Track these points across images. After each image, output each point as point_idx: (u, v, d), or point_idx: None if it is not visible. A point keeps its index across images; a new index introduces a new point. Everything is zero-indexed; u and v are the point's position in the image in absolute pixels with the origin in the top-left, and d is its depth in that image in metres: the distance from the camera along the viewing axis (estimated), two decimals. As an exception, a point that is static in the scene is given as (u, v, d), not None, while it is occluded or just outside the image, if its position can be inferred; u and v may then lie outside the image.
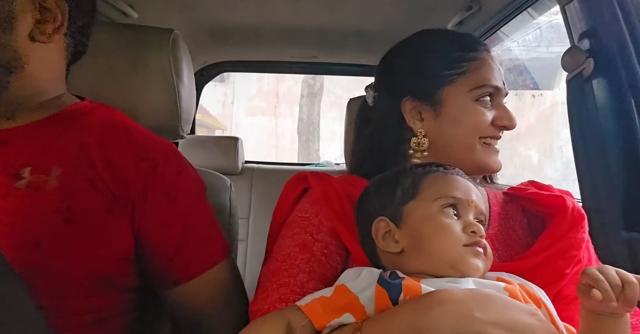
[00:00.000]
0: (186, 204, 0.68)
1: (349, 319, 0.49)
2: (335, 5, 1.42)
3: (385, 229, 0.58)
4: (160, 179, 0.66)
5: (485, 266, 0.54)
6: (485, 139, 0.71)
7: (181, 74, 0.85)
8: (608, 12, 0.79)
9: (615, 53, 0.78)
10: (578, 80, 0.83)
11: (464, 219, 0.56)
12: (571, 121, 0.86)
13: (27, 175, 0.60)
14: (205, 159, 1.80)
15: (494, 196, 0.77)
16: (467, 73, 0.70)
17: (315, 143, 8.64)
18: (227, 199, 0.90)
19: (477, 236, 0.54)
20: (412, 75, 0.75)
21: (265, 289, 0.61)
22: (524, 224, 0.74)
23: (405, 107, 0.74)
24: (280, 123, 10.32)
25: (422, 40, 0.77)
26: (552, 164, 4.53)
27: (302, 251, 0.63)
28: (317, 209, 0.67)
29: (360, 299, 0.49)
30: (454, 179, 0.60)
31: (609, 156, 0.80)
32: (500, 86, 0.71)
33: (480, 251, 0.54)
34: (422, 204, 0.57)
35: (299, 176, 0.75)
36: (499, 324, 0.43)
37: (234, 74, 9.08)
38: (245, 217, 1.80)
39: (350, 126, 1.01)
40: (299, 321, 0.50)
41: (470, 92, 0.70)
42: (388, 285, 0.49)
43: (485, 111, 0.70)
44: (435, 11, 1.40)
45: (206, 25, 1.63)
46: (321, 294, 0.52)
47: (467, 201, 0.57)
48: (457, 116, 0.70)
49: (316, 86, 8.52)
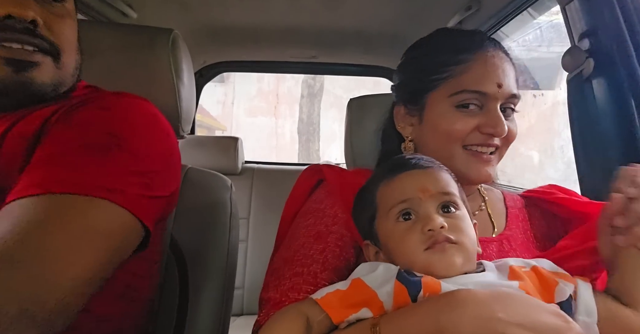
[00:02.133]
0: (82, 133, 0.58)
1: (366, 314, 0.48)
2: (335, 5, 1.42)
3: (373, 252, 0.58)
4: (75, 110, 0.61)
5: (461, 256, 0.51)
6: (472, 147, 0.68)
7: (181, 74, 0.85)
8: (608, 12, 0.79)
9: (615, 53, 0.78)
10: (578, 80, 0.83)
11: (422, 218, 0.53)
12: (571, 120, 0.86)
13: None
14: (205, 159, 1.80)
15: (512, 199, 0.77)
16: (449, 78, 0.68)
17: (316, 143, 8.63)
18: (228, 199, 0.90)
19: (436, 233, 0.52)
20: (408, 80, 0.75)
21: (278, 278, 0.61)
22: (543, 228, 0.73)
23: (397, 113, 0.74)
24: (281, 123, 10.30)
25: (425, 42, 0.75)
26: (553, 165, 4.53)
27: (316, 241, 0.63)
28: (333, 200, 0.67)
29: (379, 294, 0.49)
30: (400, 180, 0.57)
31: (609, 155, 0.80)
32: (486, 91, 0.66)
33: (444, 247, 0.51)
34: (382, 219, 0.57)
35: (314, 167, 0.75)
36: (523, 325, 0.42)
37: (234, 75, 9.06)
38: (245, 218, 1.79)
39: (350, 126, 1.01)
40: (315, 315, 0.49)
41: (450, 98, 0.67)
42: (407, 282, 0.48)
43: (465, 118, 0.67)
44: (435, 11, 1.40)
45: (205, 25, 1.63)
46: (337, 287, 0.51)
47: (418, 197, 0.54)
48: (435, 123, 0.69)
49: (316, 86, 8.51)
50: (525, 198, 0.78)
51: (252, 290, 1.69)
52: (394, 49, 1.79)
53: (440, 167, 0.60)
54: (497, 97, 0.67)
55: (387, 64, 1.98)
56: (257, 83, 10.25)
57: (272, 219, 1.72)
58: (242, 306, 1.70)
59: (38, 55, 0.61)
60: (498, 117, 0.66)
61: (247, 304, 1.71)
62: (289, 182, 1.10)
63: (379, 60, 1.96)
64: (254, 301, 1.72)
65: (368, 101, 1.02)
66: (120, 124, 0.60)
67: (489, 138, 0.67)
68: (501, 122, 0.66)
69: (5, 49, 0.58)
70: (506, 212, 0.75)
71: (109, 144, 0.57)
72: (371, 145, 0.93)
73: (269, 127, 10.24)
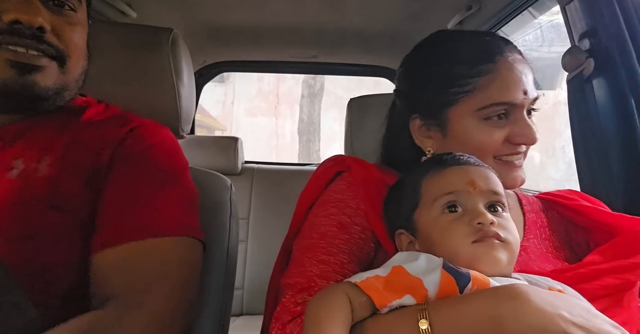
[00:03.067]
0: (146, 172, 0.65)
1: (409, 301, 0.47)
2: (336, 5, 1.42)
3: (407, 241, 0.57)
4: (129, 149, 0.66)
5: (506, 254, 0.50)
6: (502, 157, 0.66)
7: (181, 73, 0.85)
8: (608, 12, 0.79)
9: (616, 53, 0.78)
10: (578, 80, 0.83)
11: (470, 211, 0.53)
12: (572, 120, 0.86)
13: (19, 165, 0.61)
14: (205, 159, 1.80)
15: (528, 202, 0.74)
16: (473, 91, 0.65)
17: (316, 144, 8.57)
18: (228, 200, 0.90)
19: (485, 227, 0.51)
20: (421, 91, 0.70)
21: (301, 264, 0.59)
22: (562, 235, 0.70)
23: (413, 125, 0.71)
24: (281, 124, 10.26)
25: (436, 48, 0.71)
26: (554, 165, 4.51)
27: (340, 231, 0.62)
28: (355, 192, 0.66)
29: (425, 282, 0.47)
30: (448, 172, 0.56)
31: (609, 155, 0.80)
32: (514, 101, 0.64)
33: (493, 242, 0.50)
34: (424, 210, 0.56)
35: (337, 157, 0.73)
36: (584, 328, 0.40)
37: (234, 75, 9.06)
38: (245, 218, 1.79)
39: (350, 126, 1.01)
40: (357, 297, 0.48)
41: (477, 112, 0.65)
42: (456, 273, 0.47)
43: (495, 131, 0.65)
44: (435, 11, 1.40)
45: (205, 25, 1.63)
46: (376, 273, 0.50)
47: (467, 191, 0.53)
48: (464, 137, 0.66)
49: (316, 86, 8.46)
50: (543, 201, 0.75)
51: (252, 290, 1.69)
52: (395, 49, 1.79)
53: (490, 168, 0.58)
54: (524, 104, 0.65)
55: (388, 64, 1.97)
56: (258, 83, 10.22)
57: (272, 220, 1.74)
58: (241, 307, 1.70)
59: (43, 60, 0.62)
60: (528, 127, 0.65)
61: (247, 305, 1.70)
62: (289, 183, 1.10)
63: (379, 60, 1.96)
64: (253, 301, 1.72)
65: (368, 101, 1.02)
66: (169, 160, 0.69)
67: (519, 146, 0.66)
68: (532, 131, 0.64)
69: (11, 52, 0.60)
70: (523, 218, 0.71)
71: (167, 180, 0.66)
72: (371, 145, 0.93)
73: (269, 127, 10.21)
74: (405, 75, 0.74)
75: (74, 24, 0.66)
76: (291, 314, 0.54)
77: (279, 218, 1.83)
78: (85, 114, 0.71)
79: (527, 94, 0.64)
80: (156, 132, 0.71)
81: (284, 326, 0.53)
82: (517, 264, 0.63)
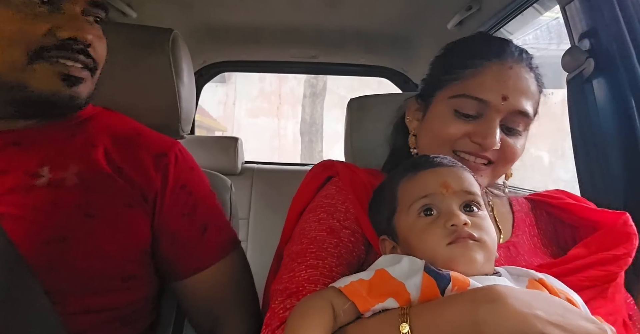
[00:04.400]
0: (201, 197, 0.74)
1: (392, 304, 0.48)
2: (336, 5, 1.42)
3: (390, 246, 0.58)
4: (177, 173, 0.71)
5: (482, 253, 0.51)
6: (460, 153, 0.67)
7: (181, 74, 0.85)
8: (608, 12, 0.79)
9: (616, 53, 0.78)
10: (578, 80, 0.83)
11: (444, 213, 0.53)
12: (571, 120, 0.86)
13: (46, 173, 0.63)
14: (204, 160, 1.80)
15: (517, 203, 0.76)
16: (457, 80, 0.66)
17: (319, 144, 8.46)
18: (228, 200, 0.90)
19: (459, 228, 0.51)
20: (427, 76, 0.76)
21: (291, 270, 0.60)
22: (549, 233, 0.73)
23: (410, 106, 0.75)
24: (283, 124, 10.18)
25: (458, 42, 0.74)
26: (564, 166, 4.48)
27: (329, 235, 0.62)
28: (344, 196, 0.67)
29: (407, 286, 0.48)
30: (421, 176, 0.57)
31: (609, 155, 0.80)
32: (488, 100, 0.63)
33: (467, 243, 0.51)
34: (402, 215, 0.56)
35: (326, 163, 0.75)
36: (560, 326, 0.41)
37: (235, 75, 9.02)
38: (244, 218, 1.79)
39: (350, 126, 1.01)
40: (341, 304, 0.49)
41: (450, 100, 0.66)
42: (436, 275, 0.48)
43: (457, 123, 0.65)
44: (435, 11, 1.40)
45: (205, 25, 1.63)
46: (360, 276, 0.50)
47: (441, 193, 0.54)
48: (431, 122, 0.70)
49: (319, 85, 8.35)
50: (532, 201, 0.77)
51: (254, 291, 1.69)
52: (395, 49, 1.80)
53: (464, 168, 0.59)
54: (500, 109, 0.64)
55: (388, 64, 1.98)
56: (259, 83, 10.15)
57: (272, 220, 1.74)
58: (241, 306, 1.70)
59: (85, 72, 0.66)
60: (491, 129, 0.63)
61: (247, 304, 1.70)
62: (288, 182, 1.10)
63: (379, 60, 1.96)
64: (253, 301, 1.72)
65: (368, 101, 1.02)
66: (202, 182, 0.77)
67: (480, 149, 0.65)
68: (492, 134, 0.63)
69: (61, 65, 0.63)
70: (513, 217, 0.74)
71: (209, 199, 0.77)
72: (371, 145, 0.93)
73: (272, 128, 10.13)
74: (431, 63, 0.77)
75: (102, 37, 0.69)
76: (280, 320, 0.54)
77: (278, 218, 1.82)
78: (97, 123, 0.73)
79: (506, 100, 0.63)
80: (187, 154, 0.77)
81: (273, 331, 0.54)
82: (507, 259, 0.66)
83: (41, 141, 0.66)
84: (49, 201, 0.61)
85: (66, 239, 0.60)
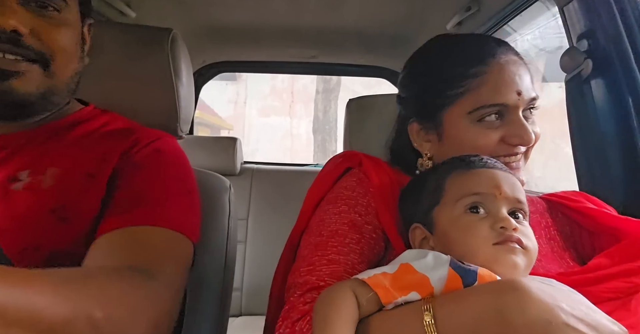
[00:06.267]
0: (153, 175, 0.67)
1: (415, 297, 0.48)
2: (335, 5, 1.42)
3: (421, 236, 0.58)
4: (136, 155, 0.67)
5: (525, 261, 0.51)
6: (499, 158, 0.65)
7: (180, 73, 0.85)
8: (606, 13, 0.80)
9: (614, 54, 0.79)
10: (577, 81, 0.84)
11: (493, 215, 0.53)
12: (570, 120, 0.87)
13: (24, 177, 0.61)
14: (203, 160, 1.80)
15: (532, 203, 0.73)
16: (466, 93, 0.65)
17: (332, 143, 7.87)
18: (227, 200, 0.90)
19: (508, 232, 0.51)
20: (418, 94, 0.72)
21: (311, 263, 0.59)
22: (567, 236, 0.70)
23: (412, 129, 0.72)
24: (296, 124, 9.76)
25: (431, 53, 0.72)
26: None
27: (351, 230, 0.61)
28: (365, 189, 0.65)
29: (431, 280, 0.48)
30: (475, 174, 0.57)
31: (607, 155, 0.80)
32: (506, 102, 0.64)
33: (514, 247, 0.51)
34: (446, 207, 0.56)
35: (347, 153, 0.73)
36: (584, 321, 0.41)
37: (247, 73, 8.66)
38: (243, 219, 1.79)
39: (349, 126, 1.01)
40: (364, 294, 0.48)
41: (470, 115, 0.65)
42: (463, 271, 0.47)
43: (489, 132, 0.65)
44: (434, 12, 1.41)
45: (205, 25, 1.63)
46: (383, 270, 0.50)
47: (493, 195, 0.54)
48: (458, 139, 0.66)
49: (332, 81, 7.72)
50: (548, 201, 0.75)
51: (251, 291, 1.69)
52: (395, 50, 1.80)
53: (515, 176, 0.59)
54: (519, 105, 0.64)
55: (387, 65, 1.98)
56: (271, 81, 9.65)
57: (271, 220, 1.74)
58: (240, 307, 1.70)
59: (22, 64, 0.60)
60: (523, 127, 0.64)
61: (246, 305, 1.70)
62: (288, 183, 1.10)
63: (379, 60, 1.96)
64: (252, 302, 1.72)
65: (367, 101, 1.02)
66: (175, 165, 0.70)
67: (516, 147, 0.65)
68: (527, 131, 0.64)
69: None
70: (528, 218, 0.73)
71: (174, 184, 0.67)
72: (370, 145, 0.93)
73: (284, 127, 9.74)
74: (404, 81, 0.75)
75: (58, 25, 0.63)
76: (300, 313, 0.54)
77: (278, 219, 1.83)
78: (90, 124, 0.70)
79: (521, 95, 0.64)
80: (163, 141, 0.71)
81: (293, 324, 0.53)
82: None
83: (26, 145, 0.64)
84: (22, 206, 0.59)
85: (41, 247, 0.58)
